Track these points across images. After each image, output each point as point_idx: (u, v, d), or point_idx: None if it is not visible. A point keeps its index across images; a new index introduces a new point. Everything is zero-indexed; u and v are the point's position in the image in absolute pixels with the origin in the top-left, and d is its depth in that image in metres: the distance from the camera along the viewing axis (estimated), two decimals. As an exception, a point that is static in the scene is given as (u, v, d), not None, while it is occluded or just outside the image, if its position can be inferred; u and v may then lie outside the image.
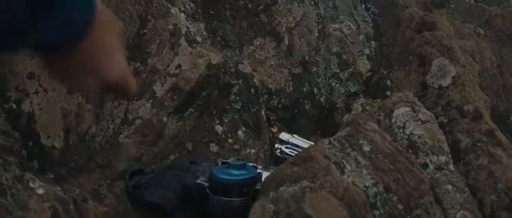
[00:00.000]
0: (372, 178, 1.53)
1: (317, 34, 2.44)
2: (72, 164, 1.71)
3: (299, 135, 2.15)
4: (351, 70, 2.46)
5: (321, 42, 2.45)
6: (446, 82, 1.96)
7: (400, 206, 1.51)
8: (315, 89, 2.37)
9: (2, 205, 1.43)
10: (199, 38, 2.04)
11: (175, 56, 1.89)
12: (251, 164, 1.69)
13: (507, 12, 2.73)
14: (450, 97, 1.90)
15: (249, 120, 2.06)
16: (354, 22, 2.58)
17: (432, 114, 1.81)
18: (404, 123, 1.75)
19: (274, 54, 2.29)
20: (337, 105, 2.39)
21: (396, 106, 1.80)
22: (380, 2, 2.66)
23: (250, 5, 2.27)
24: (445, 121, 1.82)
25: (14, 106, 1.61)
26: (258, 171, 1.63)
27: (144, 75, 1.84)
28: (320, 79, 2.41)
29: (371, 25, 2.61)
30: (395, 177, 1.55)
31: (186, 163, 1.73)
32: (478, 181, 1.65)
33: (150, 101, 1.83)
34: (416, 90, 2.02)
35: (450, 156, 1.71)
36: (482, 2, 2.82)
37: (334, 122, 2.33)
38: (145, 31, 1.87)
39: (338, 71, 2.45)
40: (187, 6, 2.09)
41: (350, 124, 1.70)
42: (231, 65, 2.10)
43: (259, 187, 1.54)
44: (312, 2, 2.48)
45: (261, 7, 2.29)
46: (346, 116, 2.31)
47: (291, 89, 2.31)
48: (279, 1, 2.33)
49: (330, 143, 1.62)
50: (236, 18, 2.24)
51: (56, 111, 1.67)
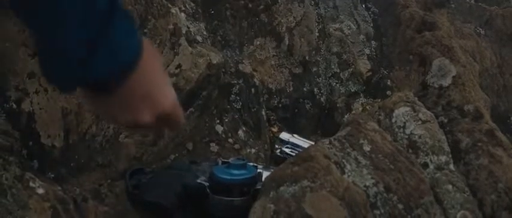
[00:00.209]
0: (372, 178, 1.53)
1: (317, 34, 2.44)
2: (72, 164, 1.71)
3: (299, 135, 2.15)
4: (351, 70, 2.46)
5: (321, 42, 2.45)
6: (446, 82, 1.96)
7: (401, 206, 1.51)
8: (315, 89, 2.37)
9: (2, 205, 1.42)
10: (199, 38, 2.04)
11: (175, 56, 1.89)
12: (251, 164, 1.69)
13: (507, 12, 2.73)
14: (450, 97, 1.90)
15: (250, 120, 2.06)
16: (354, 22, 2.58)
17: (432, 114, 1.81)
18: (404, 123, 1.75)
19: (274, 54, 2.29)
20: (337, 105, 2.39)
21: (396, 106, 1.79)
22: (380, 2, 2.66)
23: (250, 5, 2.26)
24: (446, 121, 1.82)
25: (14, 105, 1.61)
26: (259, 171, 1.63)
27: (145, 75, 1.83)
28: (320, 79, 2.41)
29: (371, 25, 2.61)
30: (395, 177, 1.55)
31: (186, 163, 1.72)
32: (478, 181, 1.65)
33: (151, 101, 1.83)
34: (416, 90, 2.02)
35: (450, 156, 1.70)
36: (482, 2, 2.82)
37: (334, 122, 2.33)
38: (145, 31, 1.86)
39: (338, 71, 2.45)
40: (187, 6, 2.09)
41: (350, 124, 1.70)
42: (232, 65, 2.10)
43: (259, 187, 1.54)
44: (312, 2, 2.48)
45: (261, 7, 2.28)
46: (346, 116, 2.32)
47: (291, 89, 2.31)
48: (279, 1, 2.33)
49: (330, 143, 1.62)
50: (236, 18, 2.24)
51: (56, 111, 1.67)
